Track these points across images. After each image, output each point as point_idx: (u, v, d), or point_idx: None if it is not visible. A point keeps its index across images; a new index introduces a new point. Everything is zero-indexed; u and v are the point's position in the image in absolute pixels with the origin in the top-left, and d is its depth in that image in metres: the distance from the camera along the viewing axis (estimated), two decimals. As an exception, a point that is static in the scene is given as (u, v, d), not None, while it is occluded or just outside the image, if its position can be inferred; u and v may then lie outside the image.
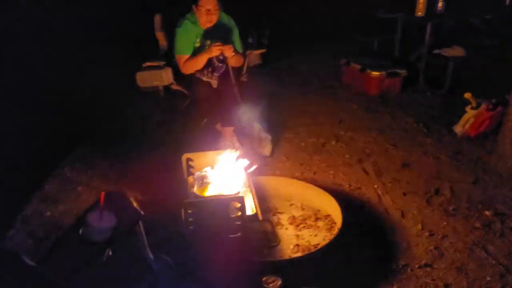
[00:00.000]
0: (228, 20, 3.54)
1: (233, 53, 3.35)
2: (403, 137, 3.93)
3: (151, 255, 1.71)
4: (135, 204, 1.61)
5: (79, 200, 2.92)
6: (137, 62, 3.58)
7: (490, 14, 5.18)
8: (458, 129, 3.86)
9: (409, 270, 2.43)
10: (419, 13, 4.88)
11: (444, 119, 4.24)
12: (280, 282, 2.12)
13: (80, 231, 1.48)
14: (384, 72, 4.84)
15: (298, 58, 6.18)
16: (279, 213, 2.94)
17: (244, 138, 3.71)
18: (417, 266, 2.46)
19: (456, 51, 4.75)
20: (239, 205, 2.28)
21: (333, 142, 3.86)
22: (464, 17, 5.07)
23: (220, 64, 3.52)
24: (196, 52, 3.42)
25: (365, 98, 4.86)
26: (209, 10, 3.27)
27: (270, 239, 2.66)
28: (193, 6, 3.32)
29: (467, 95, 3.71)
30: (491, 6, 5.43)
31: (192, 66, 3.38)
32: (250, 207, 2.46)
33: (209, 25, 3.37)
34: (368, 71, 4.89)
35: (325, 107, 4.63)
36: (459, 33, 5.19)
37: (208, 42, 3.42)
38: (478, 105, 3.72)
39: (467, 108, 3.78)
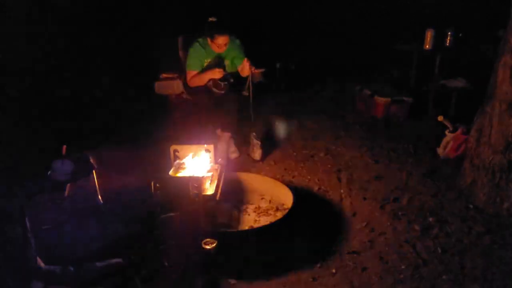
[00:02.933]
0: (236, 43, 4.14)
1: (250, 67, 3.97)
2: (388, 155, 4.30)
3: (100, 199, 2.33)
4: (91, 160, 2.24)
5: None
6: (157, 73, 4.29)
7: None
8: (440, 151, 4.17)
9: (337, 254, 2.85)
10: (427, 46, 5.24)
11: (436, 143, 4.52)
12: (215, 245, 2.65)
13: (48, 173, 2.13)
14: (389, 99, 5.22)
15: (323, 84, 6.69)
16: (249, 204, 3.46)
17: (242, 143, 4.29)
18: (346, 252, 2.87)
19: (459, 83, 5.04)
20: (196, 185, 2.86)
21: (322, 154, 4.32)
22: (472, 51, 5.34)
23: (223, 83, 4.10)
24: (206, 68, 4.08)
25: (371, 121, 5.26)
26: (223, 44, 3.92)
27: (232, 220, 3.20)
28: (208, 38, 3.97)
29: (440, 118, 4.04)
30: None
31: (197, 81, 4.04)
32: (212, 190, 3.03)
33: (220, 51, 4.01)
34: (376, 96, 5.30)
35: (329, 126, 5.10)
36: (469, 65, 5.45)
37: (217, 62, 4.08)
38: (456, 129, 4.02)
39: (446, 132, 4.09)
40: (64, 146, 2.14)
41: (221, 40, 3.93)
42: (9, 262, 1.54)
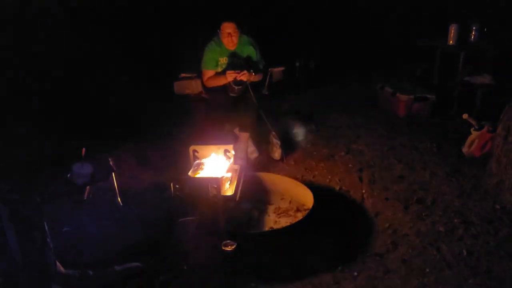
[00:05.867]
0: (250, 41, 4.13)
1: (249, 77, 3.92)
2: (411, 154, 4.20)
3: (120, 202, 2.33)
4: (111, 162, 2.24)
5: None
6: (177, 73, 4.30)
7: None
8: (465, 149, 4.06)
9: (359, 257, 2.80)
10: (451, 42, 5.11)
11: (460, 142, 4.40)
12: (235, 246, 2.63)
13: (68, 176, 2.13)
14: (412, 96, 5.11)
15: (344, 82, 6.60)
16: (269, 204, 3.43)
17: (261, 143, 4.26)
18: (368, 254, 2.82)
19: (484, 79, 4.90)
20: (215, 186, 2.85)
21: (343, 153, 4.25)
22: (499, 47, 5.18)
23: (237, 87, 4.01)
24: (224, 68, 4.05)
25: (393, 119, 5.16)
26: (229, 33, 3.90)
27: (252, 221, 3.18)
28: (218, 30, 3.99)
29: (465, 116, 3.92)
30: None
31: (212, 84, 4.04)
32: (231, 190, 3.00)
33: (232, 46, 3.99)
34: (398, 94, 5.20)
35: (350, 124, 5.02)
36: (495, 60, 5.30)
37: (231, 61, 4.05)
38: (481, 127, 3.91)
39: (472, 130, 3.98)
40: (84, 149, 2.14)
41: (227, 27, 3.91)
42: (29, 267, 1.54)
